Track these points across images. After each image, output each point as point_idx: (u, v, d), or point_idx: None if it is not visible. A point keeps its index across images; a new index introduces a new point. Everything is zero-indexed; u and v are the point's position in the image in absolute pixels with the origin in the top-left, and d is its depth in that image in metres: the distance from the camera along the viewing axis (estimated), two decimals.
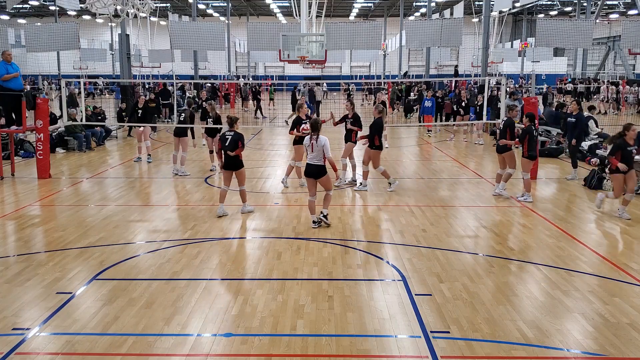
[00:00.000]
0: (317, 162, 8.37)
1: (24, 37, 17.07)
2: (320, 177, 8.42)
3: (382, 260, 7.13)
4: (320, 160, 8.37)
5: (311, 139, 8.38)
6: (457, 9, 29.13)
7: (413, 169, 13.91)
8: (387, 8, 54.29)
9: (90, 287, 6.20)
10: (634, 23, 17.74)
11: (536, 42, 17.77)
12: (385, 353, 4.81)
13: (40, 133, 12.37)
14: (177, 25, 18.48)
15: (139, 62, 41.50)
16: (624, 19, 44.29)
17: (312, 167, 8.41)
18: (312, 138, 8.38)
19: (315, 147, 8.32)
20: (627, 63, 41.55)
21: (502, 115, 14.75)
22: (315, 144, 8.32)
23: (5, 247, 7.76)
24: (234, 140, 8.94)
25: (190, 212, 9.51)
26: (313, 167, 8.40)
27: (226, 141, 9.00)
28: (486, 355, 4.76)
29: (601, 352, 4.80)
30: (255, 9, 57.34)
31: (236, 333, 5.12)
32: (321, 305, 5.69)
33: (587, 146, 14.38)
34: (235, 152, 8.97)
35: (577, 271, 6.71)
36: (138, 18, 23.42)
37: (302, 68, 27.68)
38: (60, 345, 4.88)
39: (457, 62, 54.81)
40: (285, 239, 7.99)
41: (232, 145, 8.93)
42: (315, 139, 8.33)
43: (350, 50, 33.62)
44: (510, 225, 8.74)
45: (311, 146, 8.36)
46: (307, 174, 8.48)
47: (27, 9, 53.71)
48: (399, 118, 27.92)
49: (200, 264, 6.95)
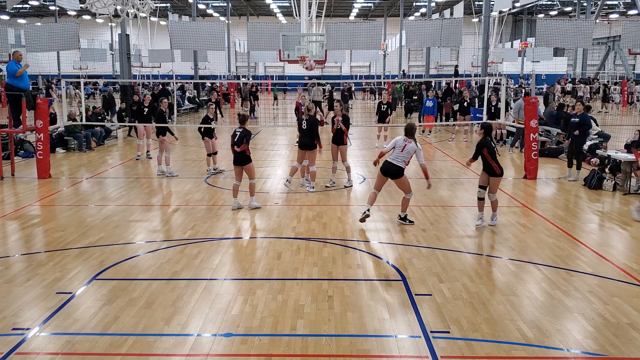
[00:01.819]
0: (399, 163, 8.49)
1: (24, 37, 17.07)
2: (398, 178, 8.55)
3: (382, 260, 7.13)
4: (403, 162, 8.50)
5: (405, 140, 8.51)
6: (457, 9, 29.14)
7: (413, 169, 13.90)
8: (387, 8, 54.29)
9: (90, 287, 6.20)
10: (634, 23, 17.76)
11: (536, 42, 17.78)
12: (385, 353, 4.81)
13: (40, 133, 12.37)
14: (177, 25, 18.47)
15: (139, 62, 41.52)
16: (624, 19, 44.30)
17: (392, 166, 8.49)
18: (406, 140, 8.51)
19: (406, 149, 8.45)
20: (627, 63, 41.55)
21: (503, 116, 14.78)
22: (408, 146, 8.46)
23: (5, 247, 7.76)
24: (241, 136, 9.31)
25: (190, 212, 9.51)
26: (394, 167, 8.49)
27: (235, 137, 9.38)
28: (486, 355, 4.76)
29: (601, 352, 4.80)
30: (255, 9, 57.34)
31: (236, 333, 5.12)
32: (321, 305, 5.69)
33: (587, 146, 14.38)
34: (240, 148, 9.24)
35: (577, 271, 6.71)
36: (138, 18, 23.41)
37: (302, 68, 27.67)
38: (60, 345, 4.88)
39: (457, 62, 54.80)
40: (285, 239, 7.99)
41: (239, 142, 9.29)
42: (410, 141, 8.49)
43: (350, 50, 33.62)
44: (510, 225, 8.74)
45: (403, 147, 8.46)
46: (385, 172, 8.56)
47: (27, 9, 53.71)
48: (399, 118, 27.89)
49: (200, 264, 6.95)
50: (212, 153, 12.99)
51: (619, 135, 16.48)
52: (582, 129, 11.99)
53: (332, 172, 11.65)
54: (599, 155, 13.34)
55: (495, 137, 17.99)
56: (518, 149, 15.66)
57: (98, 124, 17.40)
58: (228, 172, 12.98)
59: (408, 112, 28.12)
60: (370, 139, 18.12)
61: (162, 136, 12.53)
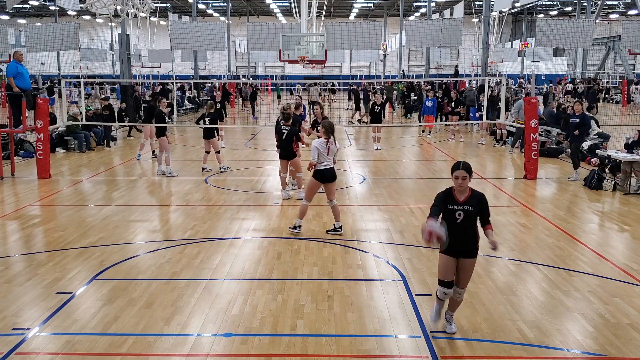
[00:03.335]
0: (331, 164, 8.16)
1: (24, 37, 17.08)
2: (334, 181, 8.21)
3: (382, 260, 7.13)
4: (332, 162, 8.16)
5: (328, 142, 8.02)
6: (457, 9, 29.14)
7: (413, 169, 13.92)
8: (387, 8, 54.29)
9: (90, 287, 6.20)
10: (634, 23, 17.77)
11: (536, 42, 17.77)
12: (385, 353, 4.81)
13: (40, 133, 12.37)
14: (177, 25, 18.49)
15: (139, 62, 41.49)
16: (624, 19, 44.29)
17: (332, 171, 8.15)
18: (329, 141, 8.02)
19: (331, 150, 8.07)
20: (627, 63, 41.55)
21: (502, 116, 14.78)
22: (332, 148, 8.06)
23: (5, 247, 7.76)
24: (290, 134, 9.87)
25: (190, 212, 9.51)
26: (333, 172, 8.16)
27: (283, 134, 9.84)
28: (486, 355, 4.76)
29: (601, 352, 4.80)
30: (255, 9, 57.34)
31: (236, 333, 5.12)
32: (321, 305, 5.68)
33: (587, 146, 14.39)
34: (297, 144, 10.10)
35: (577, 271, 6.71)
36: (138, 18, 23.41)
37: (302, 68, 27.68)
38: (60, 345, 4.88)
39: (457, 62, 54.81)
40: (285, 239, 7.99)
41: (288, 138, 9.82)
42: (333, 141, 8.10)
43: (350, 50, 33.62)
44: (510, 225, 8.74)
45: (328, 150, 8.01)
46: (331, 178, 8.13)
47: (27, 9, 53.72)
48: (398, 118, 27.91)
49: (200, 264, 6.95)
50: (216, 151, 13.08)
51: (619, 135, 16.49)
52: (581, 129, 12.00)
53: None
54: (599, 155, 13.34)
55: (496, 137, 18.01)
56: (518, 149, 15.67)
57: (100, 123, 17.36)
58: (228, 172, 13.00)
59: (408, 112, 28.13)
60: (370, 139, 18.11)
61: (162, 136, 12.55)
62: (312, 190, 8.26)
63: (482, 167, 13.70)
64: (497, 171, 13.66)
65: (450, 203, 4.79)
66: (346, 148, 17.25)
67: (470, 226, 4.86)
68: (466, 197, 4.81)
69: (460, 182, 4.73)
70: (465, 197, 4.81)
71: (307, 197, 8.27)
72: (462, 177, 4.72)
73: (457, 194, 4.83)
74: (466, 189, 4.80)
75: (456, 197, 4.82)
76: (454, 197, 4.81)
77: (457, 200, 4.81)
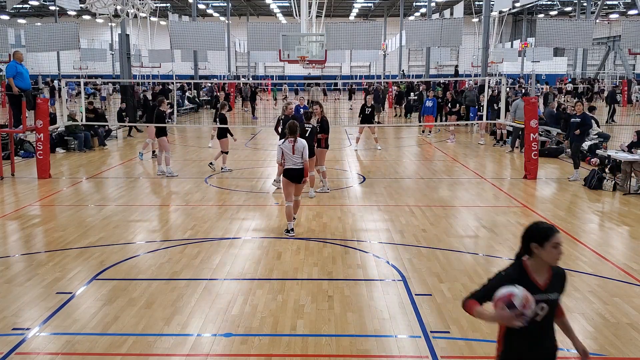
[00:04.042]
0: (299, 165, 8.09)
1: (24, 37, 17.06)
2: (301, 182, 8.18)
3: (382, 260, 7.13)
4: (300, 163, 8.08)
5: (291, 141, 8.06)
6: (457, 9, 29.13)
7: (413, 169, 13.92)
8: (387, 8, 54.28)
9: (90, 287, 6.20)
10: (634, 23, 17.75)
11: (536, 42, 17.77)
12: (385, 353, 4.81)
13: (40, 133, 12.37)
14: (177, 25, 18.47)
15: (139, 62, 41.48)
16: (624, 19, 44.29)
17: (300, 171, 8.11)
18: (291, 140, 8.08)
19: (296, 149, 8.03)
20: (627, 63, 41.54)
21: (502, 116, 14.78)
22: (296, 146, 8.03)
23: (5, 247, 7.76)
24: (312, 132, 10.11)
25: (191, 212, 9.51)
26: (298, 171, 8.11)
27: (305, 133, 9.85)
28: (486, 355, 4.76)
29: (601, 352, 4.80)
30: (255, 9, 57.33)
31: (236, 333, 5.12)
32: (321, 305, 5.69)
33: (587, 146, 14.39)
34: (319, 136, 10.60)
35: (577, 271, 6.70)
36: (138, 18, 23.40)
37: (302, 68, 27.69)
38: (60, 345, 4.88)
39: (457, 62, 54.81)
40: (285, 239, 7.99)
41: (311, 136, 9.97)
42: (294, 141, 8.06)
43: (350, 50, 33.61)
44: (510, 225, 8.74)
45: (293, 149, 8.01)
46: (293, 178, 8.12)
47: (27, 9, 53.70)
48: (398, 119, 27.91)
49: (200, 264, 6.95)
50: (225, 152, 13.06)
51: (619, 135, 16.50)
52: (582, 129, 12.00)
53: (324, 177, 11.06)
54: (599, 155, 13.34)
55: (496, 137, 18.00)
56: (518, 149, 15.67)
57: (98, 123, 17.36)
58: (229, 172, 12.99)
59: (408, 112, 28.13)
60: (370, 140, 18.11)
61: (162, 136, 12.54)
62: (285, 189, 8.28)
63: (482, 167, 13.67)
64: (497, 171, 13.64)
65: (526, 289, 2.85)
66: (346, 148, 17.26)
67: (551, 325, 3.09)
68: (547, 278, 3.03)
69: (561, 251, 3.07)
70: (546, 279, 3.02)
71: (286, 198, 8.30)
72: (561, 244, 3.03)
73: (535, 274, 3.00)
74: (547, 266, 3.06)
75: (535, 279, 2.98)
76: (530, 280, 2.97)
77: (537, 284, 2.97)
